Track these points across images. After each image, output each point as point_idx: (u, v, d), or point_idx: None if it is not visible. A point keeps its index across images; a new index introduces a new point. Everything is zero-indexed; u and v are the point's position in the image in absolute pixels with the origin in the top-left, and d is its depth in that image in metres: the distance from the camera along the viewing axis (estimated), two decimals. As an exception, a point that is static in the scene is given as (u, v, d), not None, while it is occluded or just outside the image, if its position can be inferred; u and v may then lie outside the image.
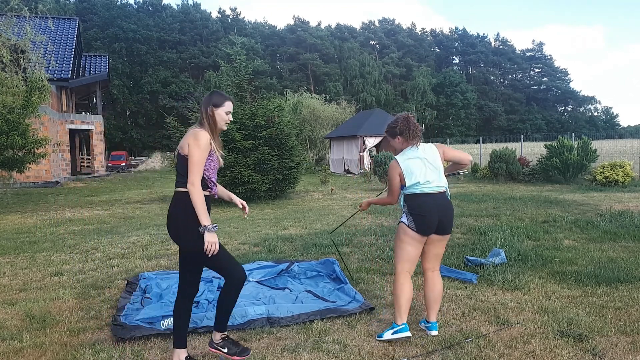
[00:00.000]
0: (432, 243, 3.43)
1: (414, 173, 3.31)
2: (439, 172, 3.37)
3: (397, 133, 3.43)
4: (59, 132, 23.07)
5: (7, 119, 10.96)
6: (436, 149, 3.43)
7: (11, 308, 4.18)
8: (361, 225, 8.09)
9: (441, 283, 3.53)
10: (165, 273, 5.03)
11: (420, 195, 3.32)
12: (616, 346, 3.15)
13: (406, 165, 3.34)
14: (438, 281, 3.50)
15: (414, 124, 3.39)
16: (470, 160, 3.56)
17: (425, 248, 3.44)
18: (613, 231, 6.69)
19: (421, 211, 3.29)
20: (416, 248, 3.37)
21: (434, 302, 3.47)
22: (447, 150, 3.50)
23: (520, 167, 16.18)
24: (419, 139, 3.42)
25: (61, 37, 24.71)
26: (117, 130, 54.37)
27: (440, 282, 3.52)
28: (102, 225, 9.44)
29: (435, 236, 3.39)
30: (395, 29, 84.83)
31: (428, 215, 3.29)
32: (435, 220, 3.30)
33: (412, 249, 3.36)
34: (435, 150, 3.42)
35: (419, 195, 3.32)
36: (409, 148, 3.41)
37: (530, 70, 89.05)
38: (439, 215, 3.31)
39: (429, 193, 3.32)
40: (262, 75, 59.84)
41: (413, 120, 3.42)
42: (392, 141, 3.51)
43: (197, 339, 3.43)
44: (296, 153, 13.89)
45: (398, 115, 3.47)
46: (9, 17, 13.60)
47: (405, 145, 3.43)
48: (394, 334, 3.30)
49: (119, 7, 61.78)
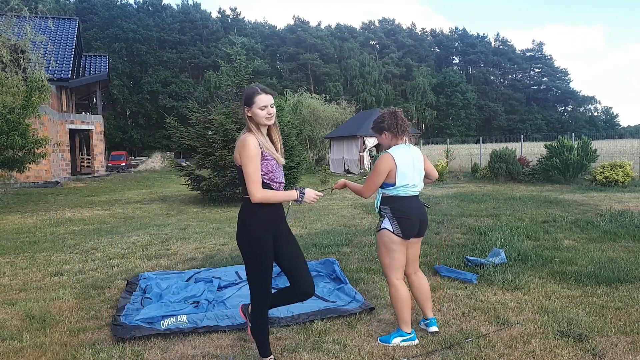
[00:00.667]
0: (412, 246, 3.38)
1: (406, 174, 3.19)
2: (422, 176, 3.32)
3: (384, 129, 3.27)
4: (59, 132, 23.06)
5: (7, 119, 10.96)
6: (420, 152, 3.36)
7: (11, 308, 4.18)
8: (361, 225, 8.09)
9: (426, 280, 3.51)
10: (165, 273, 5.03)
11: (406, 197, 3.24)
12: (616, 346, 3.15)
13: (402, 163, 3.18)
14: (423, 280, 3.48)
15: (401, 118, 3.26)
16: (436, 178, 3.52)
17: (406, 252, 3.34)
18: (613, 231, 6.69)
19: (406, 214, 3.20)
20: (403, 253, 3.28)
21: (426, 300, 3.44)
22: (425, 160, 3.39)
23: (520, 167, 16.18)
24: (408, 134, 3.31)
25: (61, 37, 24.71)
26: (117, 130, 54.37)
27: (425, 279, 3.51)
28: (102, 225, 9.44)
29: (414, 239, 3.36)
30: (395, 29, 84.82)
31: (413, 218, 3.22)
32: (417, 222, 3.26)
33: (401, 256, 3.27)
34: (420, 153, 3.35)
35: (405, 197, 3.23)
36: (401, 145, 3.27)
37: (530, 70, 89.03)
38: (420, 217, 3.27)
39: (412, 196, 3.27)
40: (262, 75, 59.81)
41: (400, 115, 3.28)
42: (379, 138, 3.35)
43: (197, 339, 3.43)
44: (296, 153, 13.90)
45: (384, 111, 3.32)
46: (9, 17, 13.61)
47: (395, 142, 3.28)
48: (402, 341, 3.25)
49: (119, 7, 61.77)
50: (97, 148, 26.90)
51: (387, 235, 3.22)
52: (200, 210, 11.58)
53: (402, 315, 3.27)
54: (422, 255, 5.65)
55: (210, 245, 6.80)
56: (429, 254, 5.72)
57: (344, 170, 26.45)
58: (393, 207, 3.22)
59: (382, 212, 3.28)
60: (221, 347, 3.27)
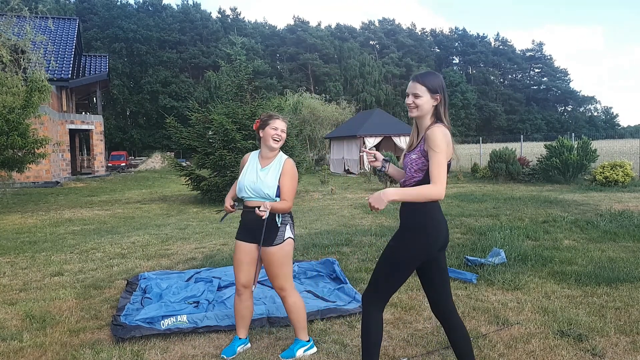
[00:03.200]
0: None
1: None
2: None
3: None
4: (59, 132, 23.07)
5: (7, 119, 10.96)
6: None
7: (11, 308, 4.18)
8: (361, 225, 8.09)
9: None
10: (165, 273, 5.03)
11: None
12: (616, 346, 3.15)
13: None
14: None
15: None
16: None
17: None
18: (613, 231, 6.69)
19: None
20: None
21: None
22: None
23: (520, 167, 16.18)
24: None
25: (61, 37, 24.72)
26: (117, 130, 54.39)
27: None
28: (102, 225, 9.44)
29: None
30: (395, 29, 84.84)
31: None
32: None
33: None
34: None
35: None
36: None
37: (530, 70, 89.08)
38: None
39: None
40: (262, 75, 59.81)
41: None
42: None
43: (197, 338, 3.43)
44: (296, 153, 13.89)
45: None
46: (9, 17, 13.62)
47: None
48: (305, 351, 3.14)
49: (119, 7, 61.78)
50: (97, 148, 26.91)
51: (291, 243, 3.09)
52: (200, 210, 11.58)
53: (304, 323, 3.18)
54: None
55: (210, 245, 6.80)
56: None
57: (344, 170, 26.45)
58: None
59: (283, 220, 3.05)
60: (221, 347, 3.27)
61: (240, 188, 3.08)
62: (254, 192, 3.03)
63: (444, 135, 2.30)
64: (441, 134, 2.28)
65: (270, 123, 3.05)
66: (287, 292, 3.09)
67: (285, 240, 3.04)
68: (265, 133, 3.05)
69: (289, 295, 3.10)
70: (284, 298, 3.11)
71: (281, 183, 3.03)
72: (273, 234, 3.02)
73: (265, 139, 3.06)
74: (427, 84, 2.37)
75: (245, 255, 3.10)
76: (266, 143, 3.06)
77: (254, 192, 3.03)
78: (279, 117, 3.10)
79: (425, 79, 2.39)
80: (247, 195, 3.06)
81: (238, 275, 3.14)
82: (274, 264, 3.03)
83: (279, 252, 3.02)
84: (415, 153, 2.40)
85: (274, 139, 3.04)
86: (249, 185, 3.03)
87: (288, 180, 3.04)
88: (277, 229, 3.03)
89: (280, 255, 3.03)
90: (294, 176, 3.08)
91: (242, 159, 3.20)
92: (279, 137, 3.05)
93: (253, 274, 3.15)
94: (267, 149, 3.09)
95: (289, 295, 3.10)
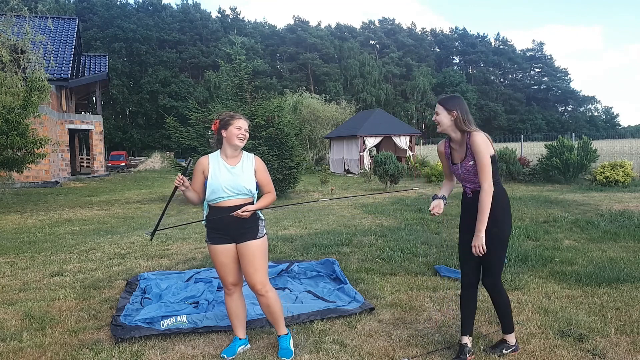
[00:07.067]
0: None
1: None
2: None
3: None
4: (58, 132, 23.06)
5: (7, 119, 10.95)
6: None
7: (11, 308, 4.18)
8: (361, 225, 8.09)
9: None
10: (165, 273, 5.02)
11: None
12: (616, 346, 3.14)
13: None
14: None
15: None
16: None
17: None
18: (613, 231, 6.69)
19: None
20: None
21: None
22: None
23: (520, 167, 16.17)
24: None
25: (61, 37, 24.69)
26: (116, 130, 54.38)
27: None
28: (102, 225, 9.43)
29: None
30: (395, 29, 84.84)
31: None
32: None
33: None
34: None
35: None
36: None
37: (531, 70, 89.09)
38: None
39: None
40: (262, 75, 59.83)
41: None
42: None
43: (197, 339, 3.43)
44: (296, 153, 13.88)
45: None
46: (9, 17, 13.60)
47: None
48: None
49: (118, 6, 61.77)
50: (96, 148, 26.90)
51: (266, 240, 3.18)
52: (200, 210, 11.57)
53: (283, 319, 3.22)
54: (423, 255, 5.66)
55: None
56: (429, 254, 5.72)
57: (344, 170, 26.44)
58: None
59: (259, 217, 3.14)
60: (221, 348, 3.26)
61: (215, 189, 3.05)
62: (234, 189, 3.05)
63: (483, 139, 2.86)
64: (480, 139, 2.85)
65: (233, 123, 3.08)
66: (268, 286, 3.13)
67: (264, 235, 3.17)
68: (229, 133, 3.07)
69: (270, 289, 3.14)
70: (267, 292, 3.11)
71: (260, 178, 3.17)
72: (255, 228, 3.11)
73: (229, 139, 3.08)
74: (444, 104, 2.95)
75: (225, 257, 3.12)
76: (231, 142, 3.08)
77: (234, 189, 3.05)
78: (242, 116, 3.14)
79: (443, 101, 2.98)
80: (225, 194, 3.05)
81: (225, 276, 3.16)
82: (257, 256, 3.09)
83: (262, 244, 3.12)
84: (471, 160, 2.91)
85: (238, 138, 3.07)
86: (226, 184, 3.04)
87: (265, 174, 3.21)
88: (258, 221, 3.13)
89: (263, 248, 3.13)
90: (266, 169, 3.26)
91: (197, 162, 3.17)
92: (243, 136, 3.10)
93: (239, 272, 3.19)
94: (232, 148, 3.11)
95: (270, 289, 3.14)
